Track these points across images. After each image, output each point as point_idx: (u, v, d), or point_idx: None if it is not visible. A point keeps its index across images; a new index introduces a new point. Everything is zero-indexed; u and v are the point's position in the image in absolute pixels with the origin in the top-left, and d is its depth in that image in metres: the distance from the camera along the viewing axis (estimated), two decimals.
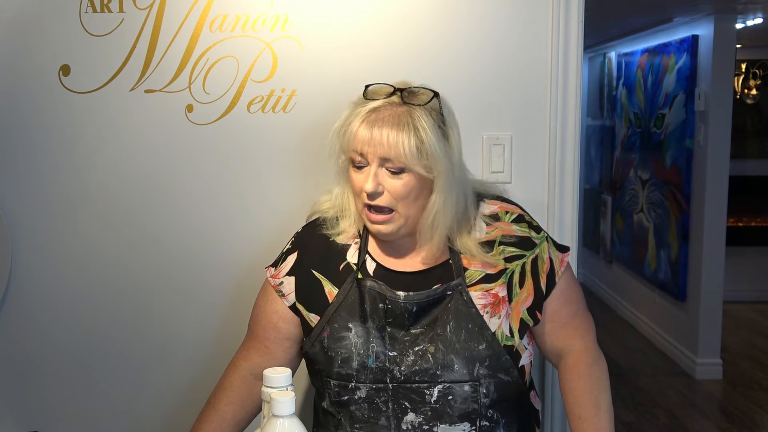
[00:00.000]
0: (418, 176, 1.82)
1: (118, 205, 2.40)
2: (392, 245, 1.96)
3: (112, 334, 2.45)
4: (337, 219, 2.01)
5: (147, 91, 2.34)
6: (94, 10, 2.30)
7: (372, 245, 1.98)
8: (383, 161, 1.80)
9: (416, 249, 1.95)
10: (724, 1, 5.11)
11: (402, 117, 1.80)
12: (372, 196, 1.81)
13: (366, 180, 1.80)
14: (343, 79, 2.33)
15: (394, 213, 1.84)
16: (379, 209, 1.84)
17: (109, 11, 2.30)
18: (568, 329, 1.98)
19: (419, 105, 1.83)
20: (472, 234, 1.94)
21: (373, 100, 1.85)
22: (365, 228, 1.97)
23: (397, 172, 1.81)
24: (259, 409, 1.97)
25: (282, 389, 1.53)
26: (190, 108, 2.35)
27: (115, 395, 2.48)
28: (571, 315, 1.99)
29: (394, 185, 1.81)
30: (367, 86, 1.90)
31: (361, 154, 1.81)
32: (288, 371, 1.56)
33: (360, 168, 1.83)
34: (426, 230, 1.88)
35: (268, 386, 1.55)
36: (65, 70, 2.32)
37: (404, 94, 1.85)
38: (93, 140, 2.37)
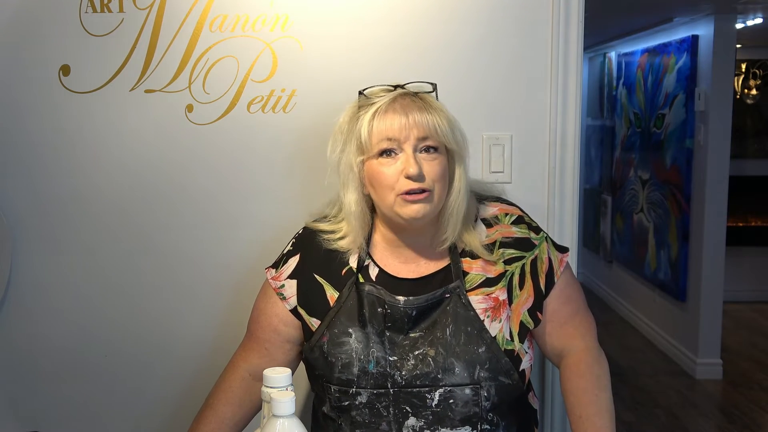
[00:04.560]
0: (446, 157, 1.87)
1: (119, 205, 2.40)
2: (400, 250, 1.96)
3: (112, 334, 2.45)
4: (345, 225, 1.99)
5: (147, 91, 2.34)
6: (94, 10, 2.30)
7: (377, 251, 1.98)
8: (420, 142, 1.82)
9: (420, 254, 1.95)
10: (724, 1, 5.11)
11: (422, 102, 1.86)
12: (417, 177, 1.80)
13: (407, 164, 1.80)
14: (343, 79, 2.33)
15: (429, 193, 1.83)
16: (415, 192, 1.82)
17: (109, 11, 2.30)
18: (568, 329, 1.98)
19: (427, 93, 1.91)
20: (475, 232, 1.95)
21: (378, 97, 1.88)
22: (369, 233, 1.98)
23: (433, 151, 1.84)
24: (257, 410, 1.98)
25: (282, 389, 1.53)
26: (190, 108, 2.35)
27: (115, 395, 2.48)
28: (570, 314, 1.99)
29: (433, 167, 1.83)
30: (361, 91, 1.92)
31: (396, 140, 1.82)
32: (288, 371, 1.56)
33: (389, 158, 1.83)
34: (450, 212, 1.89)
35: (268, 386, 1.55)
36: (65, 70, 2.32)
37: (409, 87, 1.92)
38: (93, 140, 2.37)
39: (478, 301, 1.89)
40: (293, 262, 2.02)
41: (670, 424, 5.06)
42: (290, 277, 2.01)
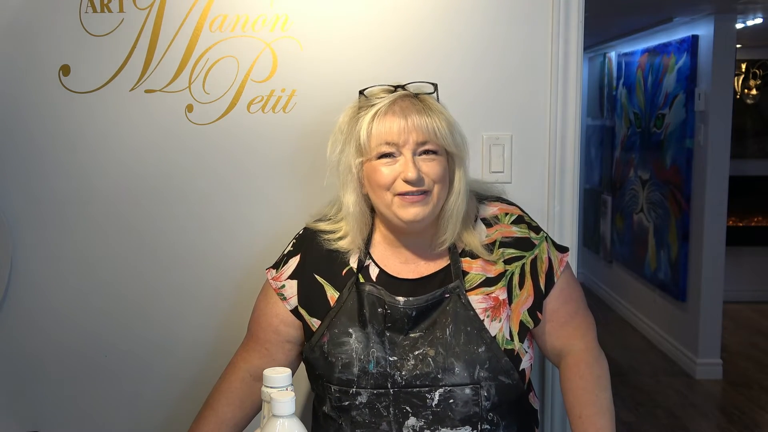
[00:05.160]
0: (446, 158, 1.88)
1: (118, 205, 2.40)
2: (400, 250, 1.96)
3: (112, 334, 2.45)
4: (344, 225, 2.00)
5: (147, 91, 2.34)
6: (94, 10, 2.30)
7: (377, 251, 1.98)
8: (419, 146, 1.82)
9: (420, 255, 1.96)
10: (724, 1, 5.11)
11: (422, 104, 1.86)
12: (416, 182, 1.80)
13: (405, 168, 1.80)
14: (343, 79, 2.33)
15: (428, 195, 1.84)
16: (413, 194, 1.82)
17: (109, 11, 2.30)
18: (567, 329, 1.99)
19: (428, 94, 1.91)
20: (474, 232, 1.95)
21: (379, 98, 1.88)
22: (369, 233, 1.99)
23: (433, 154, 1.84)
24: (257, 411, 1.98)
25: (282, 389, 1.53)
26: (190, 108, 2.35)
27: (115, 395, 2.48)
28: (570, 314, 1.99)
29: (433, 167, 1.83)
30: (361, 91, 1.93)
31: (395, 145, 1.82)
32: (288, 371, 1.56)
33: (389, 159, 1.83)
34: (450, 214, 1.89)
35: (268, 386, 1.55)
36: (65, 70, 2.32)
37: (410, 88, 1.92)
38: (93, 140, 2.37)
39: (477, 300, 1.89)
40: (294, 262, 2.02)
41: (671, 424, 5.06)
42: (291, 277, 2.01)
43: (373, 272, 1.96)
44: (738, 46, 6.74)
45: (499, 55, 2.37)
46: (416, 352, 1.87)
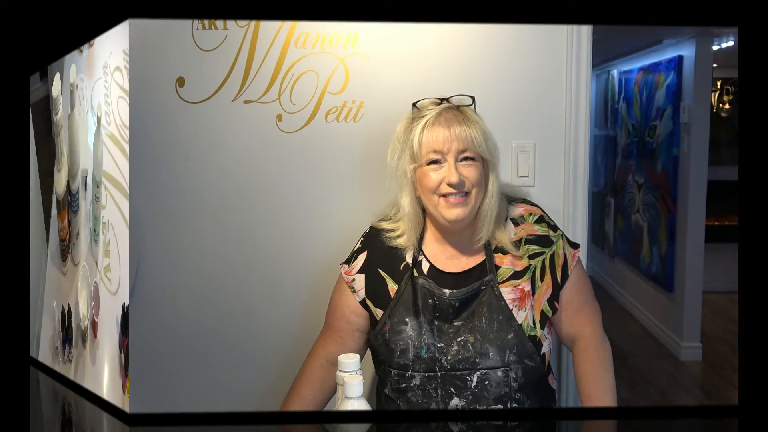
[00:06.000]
0: (483, 164, 1.93)
1: (223, 207, 2.41)
2: (446, 247, 2.02)
3: (219, 323, 2.46)
4: (402, 224, 2.04)
5: (245, 102, 2.35)
6: (203, 27, 2.31)
7: (428, 248, 2.03)
8: (460, 153, 1.88)
9: (462, 250, 2.01)
10: (703, 24, 5.15)
11: (462, 116, 1.91)
12: (458, 185, 1.86)
13: (449, 173, 1.86)
14: (401, 91, 2.36)
15: (468, 197, 1.89)
16: (455, 195, 1.89)
17: (215, 28, 2.32)
18: (579, 317, 2.06)
19: (467, 106, 1.97)
20: (505, 230, 2.01)
21: (428, 110, 1.94)
22: (422, 232, 2.04)
23: (471, 160, 1.89)
24: (334, 392, 1.96)
25: (352, 373, 1.60)
26: (279, 117, 2.37)
27: (221, 376, 2.49)
28: (581, 304, 2.06)
29: (472, 172, 1.89)
30: (414, 103, 1.99)
31: (441, 152, 1.87)
32: (357, 357, 1.64)
33: (436, 165, 1.89)
34: (486, 214, 1.94)
35: (340, 371, 1.62)
36: (181, 81, 2.34)
37: (453, 100, 1.97)
38: (203, 147, 2.38)
39: (507, 292, 1.96)
40: (362, 258, 2.08)
41: (661, 401, 5.15)
42: (359, 271, 2.07)
43: (425, 267, 2.01)
44: (714, 65, 6.78)
45: (526, 76, 2.41)
46: (459, 339, 1.93)
